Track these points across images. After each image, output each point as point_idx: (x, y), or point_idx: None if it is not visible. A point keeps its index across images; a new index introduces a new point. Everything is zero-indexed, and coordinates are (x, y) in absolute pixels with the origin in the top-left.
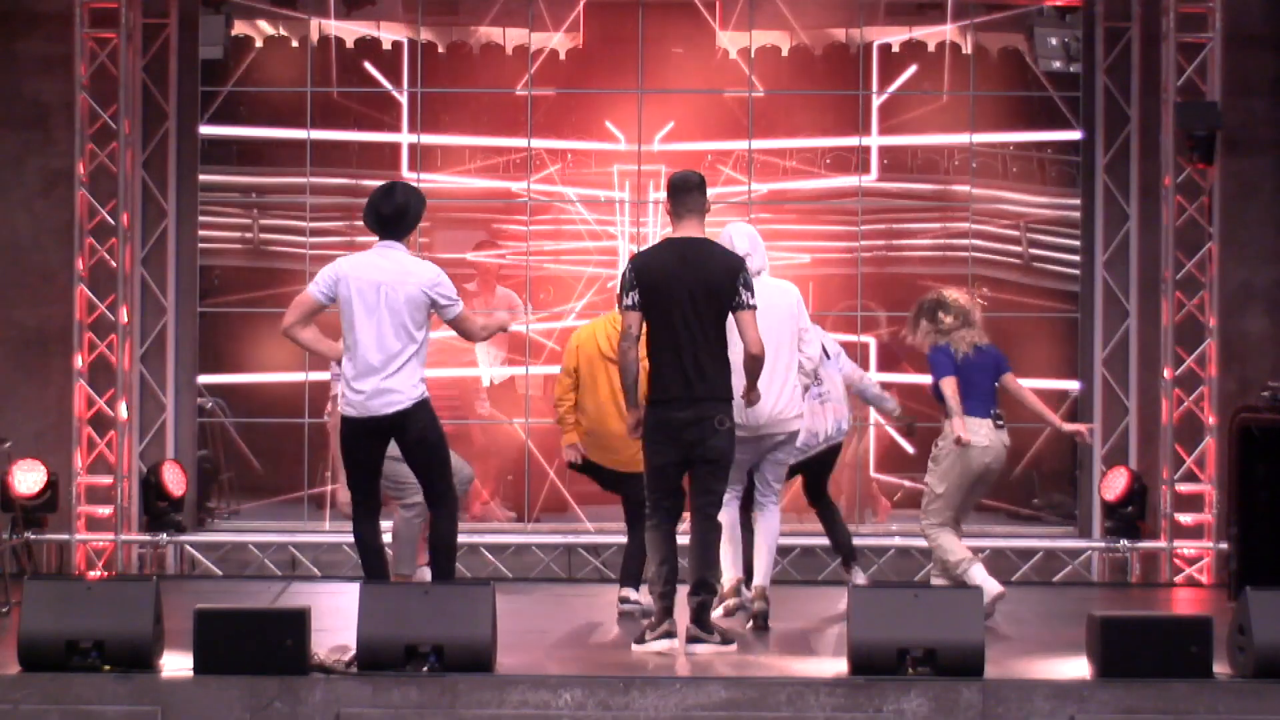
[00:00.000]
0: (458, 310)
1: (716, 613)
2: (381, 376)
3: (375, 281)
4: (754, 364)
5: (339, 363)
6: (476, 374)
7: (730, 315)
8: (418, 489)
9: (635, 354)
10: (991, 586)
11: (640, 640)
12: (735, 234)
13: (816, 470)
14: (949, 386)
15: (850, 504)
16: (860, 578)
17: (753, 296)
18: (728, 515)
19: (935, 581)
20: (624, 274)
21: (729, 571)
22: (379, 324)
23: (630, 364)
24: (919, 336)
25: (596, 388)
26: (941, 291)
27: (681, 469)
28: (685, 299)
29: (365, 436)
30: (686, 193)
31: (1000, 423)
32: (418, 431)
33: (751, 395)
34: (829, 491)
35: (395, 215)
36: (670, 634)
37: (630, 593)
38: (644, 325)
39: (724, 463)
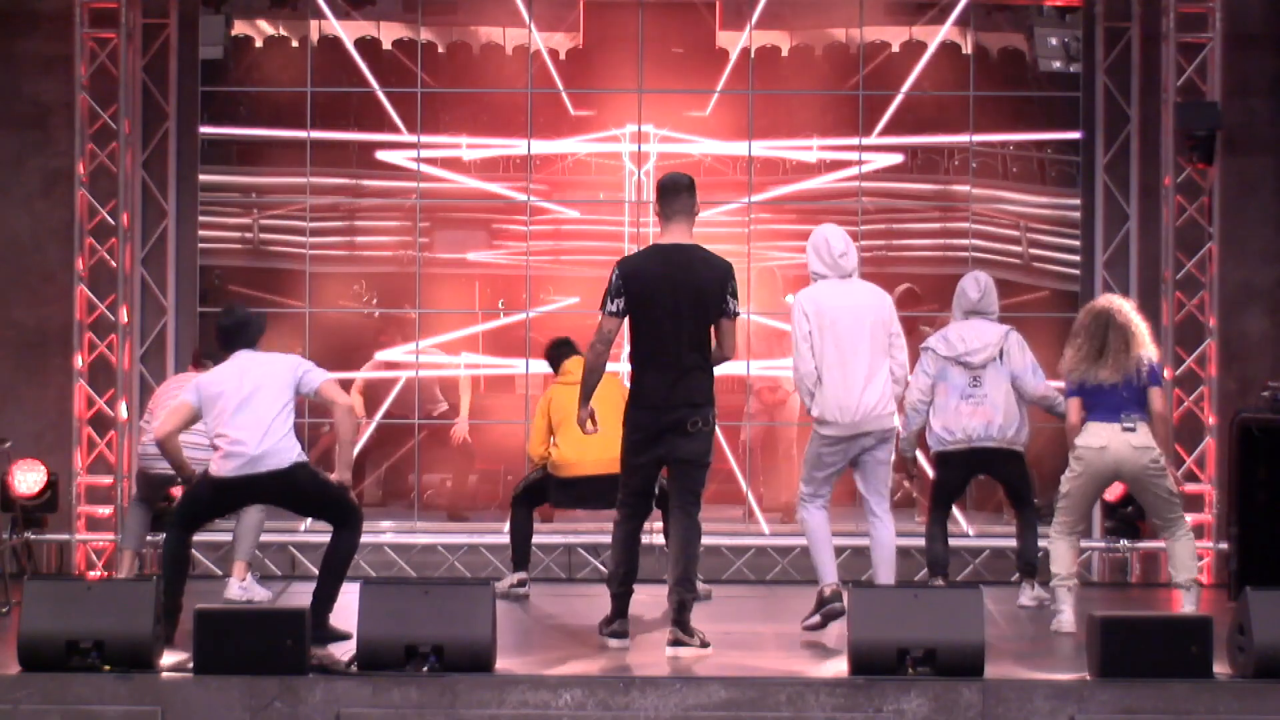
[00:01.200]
0: (322, 379)
1: (813, 619)
2: (250, 444)
3: (235, 375)
4: (721, 363)
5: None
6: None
7: (717, 323)
8: None
9: (604, 358)
10: (1065, 621)
11: (601, 630)
12: (830, 235)
13: (1003, 479)
14: (1070, 411)
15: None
16: (1026, 598)
17: (738, 305)
18: (815, 517)
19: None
20: (611, 279)
21: (827, 576)
22: (252, 409)
23: (597, 367)
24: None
25: (570, 422)
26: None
27: (657, 469)
28: (672, 306)
29: (231, 495)
30: (675, 195)
31: (1130, 426)
32: (301, 488)
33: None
34: (1029, 500)
35: (236, 328)
36: (621, 634)
37: None
38: (618, 331)
39: (699, 463)
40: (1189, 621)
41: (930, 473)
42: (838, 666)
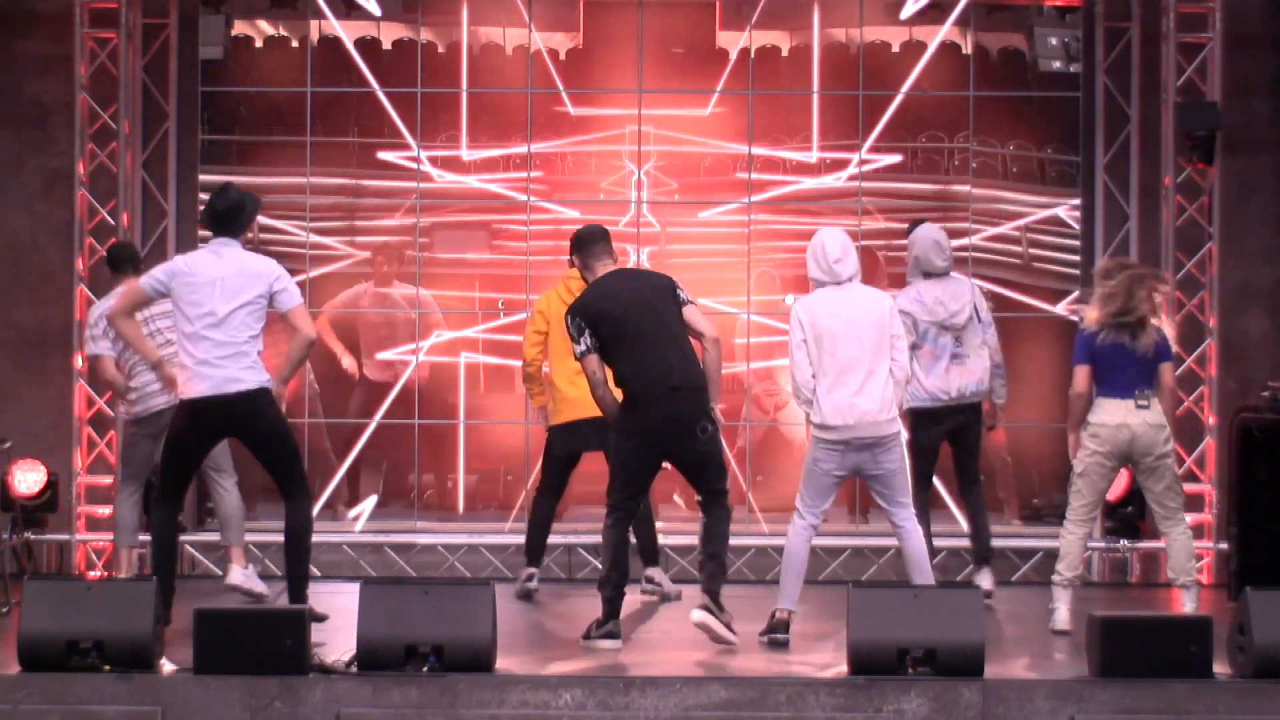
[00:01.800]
0: (293, 303)
1: (761, 637)
2: (224, 366)
3: (211, 277)
4: (716, 349)
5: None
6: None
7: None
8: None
9: (612, 397)
10: (1061, 619)
11: (586, 635)
12: (827, 240)
13: (962, 445)
14: (1077, 377)
15: (851, 504)
16: (987, 581)
17: (686, 294)
18: (797, 537)
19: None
20: (568, 325)
21: (784, 600)
22: (217, 318)
23: (610, 405)
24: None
25: (566, 354)
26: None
27: (655, 469)
28: (635, 312)
29: (211, 420)
30: (594, 243)
31: (1144, 403)
32: (268, 421)
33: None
34: (979, 481)
35: (229, 212)
36: (615, 634)
37: (654, 572)
38: (605, 365)
39: (717, 459)
40: (1189, 621)
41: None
42: (838, 666)
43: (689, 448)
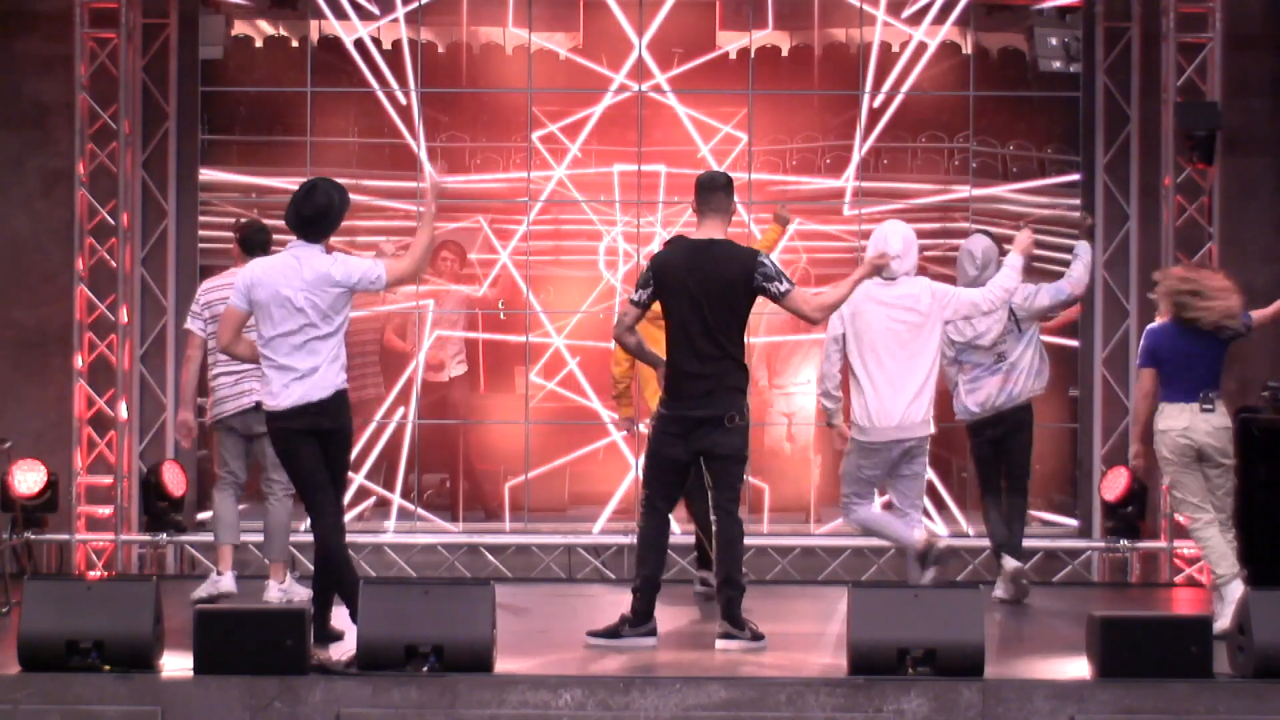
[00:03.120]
0: (382, 273)
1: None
2: (297, 375)
3: (290, 287)
4: (818, 315)
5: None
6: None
7: (780, 305)
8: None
9: (631, 338)
10: (1225, 618)
11: (616, 635)
12: (890, 233)
13: (1005, 453)
14: (1142, 380)
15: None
16: (1011, 563)
17: (784, 281)
18: (866, 510)
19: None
20: (643, 270)
21: (908, 539)
22: (295, 327)
23: (630, 346)
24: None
25: (651, 378)
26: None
27: (688, 466)
28: (699, 298)
29: (303, 427)
30: (711, 192)
31: (1209, 406)
32: (345, 420)
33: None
34: (1024, 492)
35: (316, 216)
36: (652, 633)
37: (710, 575)
38: (640, 319)
39: (737, 458)
40: (1189, 621)
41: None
42: (838, 666)
43: (715, 443)
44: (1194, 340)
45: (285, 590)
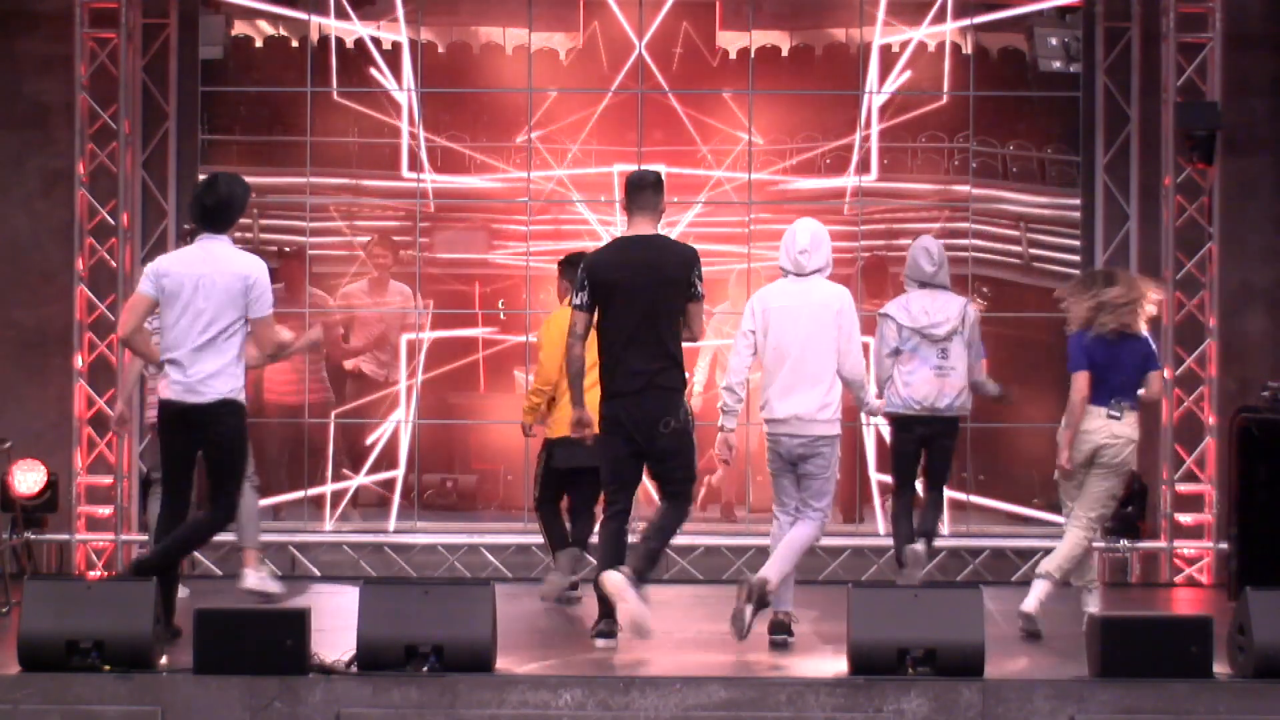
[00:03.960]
0: (264, 312)
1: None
2: (194, 369)
3: (195, 275)
4: (690, 343)
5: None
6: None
7: (688, 306)
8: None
9: (579, 350)
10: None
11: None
12: (799, 229)
13: (931, 452)
14: (1077, 383)
15: (850, 505)
16: (920, 545)
17: (702, 286)
18: (775, 531)
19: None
20: (578, 273)
21: (771, 573)
22: (194, 317)
23: (575, 359)
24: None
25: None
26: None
27: (636, 462)
28: (636, 295)
29: (181, 426)
30: (640, 191)
31: (1115, 414)
32: (225, 428)
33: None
34: (942, 491)
35: (218, 207)
36: (609, 634)
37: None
38: (591, 324)
39: (680, 458)
40: (1189, 621)
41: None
42: (838, 666)
43: (653, 444)
44: (1110, 348)
45: (262, 578)
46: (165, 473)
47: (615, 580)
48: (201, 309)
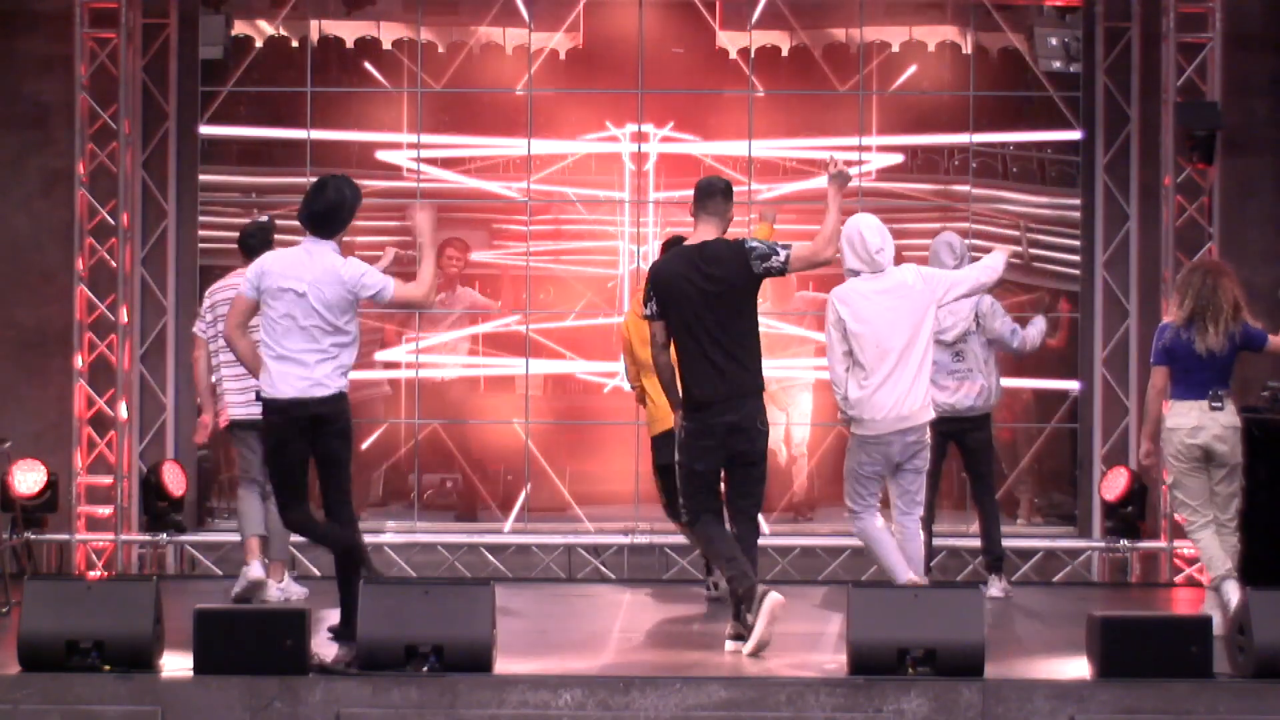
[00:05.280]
0: (388, 288)
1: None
2: (302, 371)
3: (293, 278)
4: (824, 248)
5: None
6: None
7: (792, 270)
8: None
9: (666, 358)
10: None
11: (737, 636)
12: (865, 229)
13: (965, 451)
14: (1154, 379)
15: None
16: (995, 589)
17: (778, 250)
18: (870, 524)
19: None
20: (645, 283)
21: (900, 575)
22: (295, 318)
23: (664, 368)
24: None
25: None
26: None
27: (719, 473)
28: (700, 301)
29: (291, 428)
30: (709, 197)
31: (1218, 405)
32: (337, 428)
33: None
34: (992, 484)
35: (326, 212)
36: (742, 638)
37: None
38: (668, 330)
39: (763, 464)
40: (1189, 621)
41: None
42: (838, 666)
43: (743, 448)
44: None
45: (283, 589)
46: (282, 474)
47: (739, 645)
48: (302, 311)
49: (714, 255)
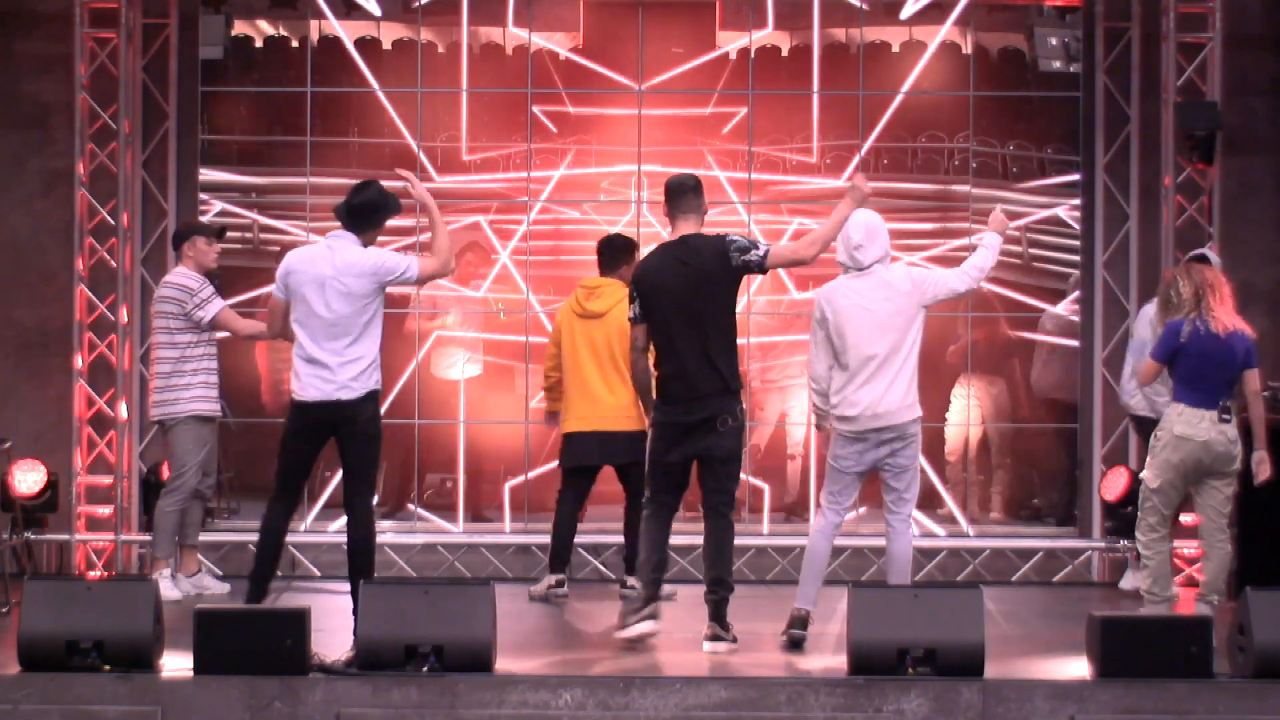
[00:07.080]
0: (415, 271)
1: (781, 638)
2: (326, 367)
3: (316, 274)
4: (809, 249)
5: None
6: None
7: (770, 267)
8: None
9: (644, 363)
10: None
11: (622, 625)
12: (852, 222)
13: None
14: (1148, 369)
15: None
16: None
17: (758, 246)
18: (818, 534)
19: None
20: (630, 286)
21: (801, 598)
22: (323, 315)
23: (640, 374)
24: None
25: (575, 349)
26: (1183, 269)
27: (687, 466)
28: (678, 293)
29: (310, 426)
30: (681, 195)
31: (1227, 417)
32: (362, 423)
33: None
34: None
35: (362, 208)
36: (654, 616)
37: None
38: (649, 335)
39: (731, 460)
40: (1189, 621)
41: None
42: (838, 666)
43: (710, 445)
44: (1219, 341)
45: (177, 584)
46: (287, 470)
47: (713, 647)
48: (329, 306)
49: (694, 246)
